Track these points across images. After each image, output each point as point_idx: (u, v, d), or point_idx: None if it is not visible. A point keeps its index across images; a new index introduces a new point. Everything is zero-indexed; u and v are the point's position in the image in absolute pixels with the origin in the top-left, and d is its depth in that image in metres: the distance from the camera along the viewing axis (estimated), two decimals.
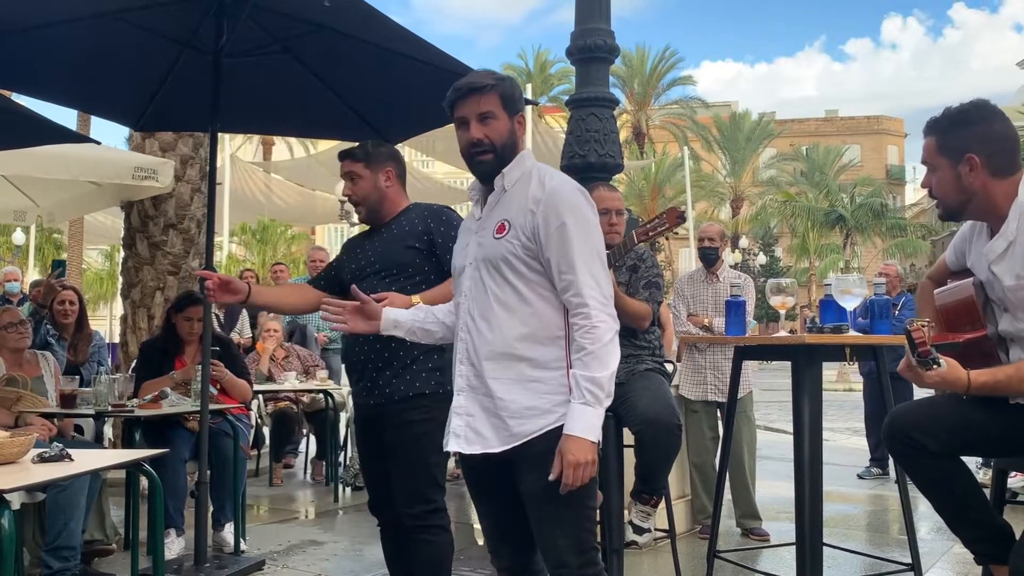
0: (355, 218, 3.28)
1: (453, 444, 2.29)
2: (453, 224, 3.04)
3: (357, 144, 3.23)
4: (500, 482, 2.28)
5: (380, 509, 3.17)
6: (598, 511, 2.62)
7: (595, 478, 2.22)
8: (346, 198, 3.18)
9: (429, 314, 2.50)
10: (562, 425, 2.16)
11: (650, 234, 3.47)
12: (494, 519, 2.40)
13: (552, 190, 2.23)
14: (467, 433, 2.26)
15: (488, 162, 2.30)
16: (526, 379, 2.20)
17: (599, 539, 2.68)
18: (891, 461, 5.86)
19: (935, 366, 2.21)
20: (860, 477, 7.20)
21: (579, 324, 2.17)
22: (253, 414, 6.07)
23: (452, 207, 3.33)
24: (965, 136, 2.40)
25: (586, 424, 2.12)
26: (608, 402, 2.16)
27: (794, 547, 3.33)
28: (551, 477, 2.13)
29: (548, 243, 2.20)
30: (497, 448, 2.22)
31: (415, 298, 2.85)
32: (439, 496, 3.00)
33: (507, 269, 2.22)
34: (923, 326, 2.21)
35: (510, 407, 2.20)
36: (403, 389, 2.98)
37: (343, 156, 3.20)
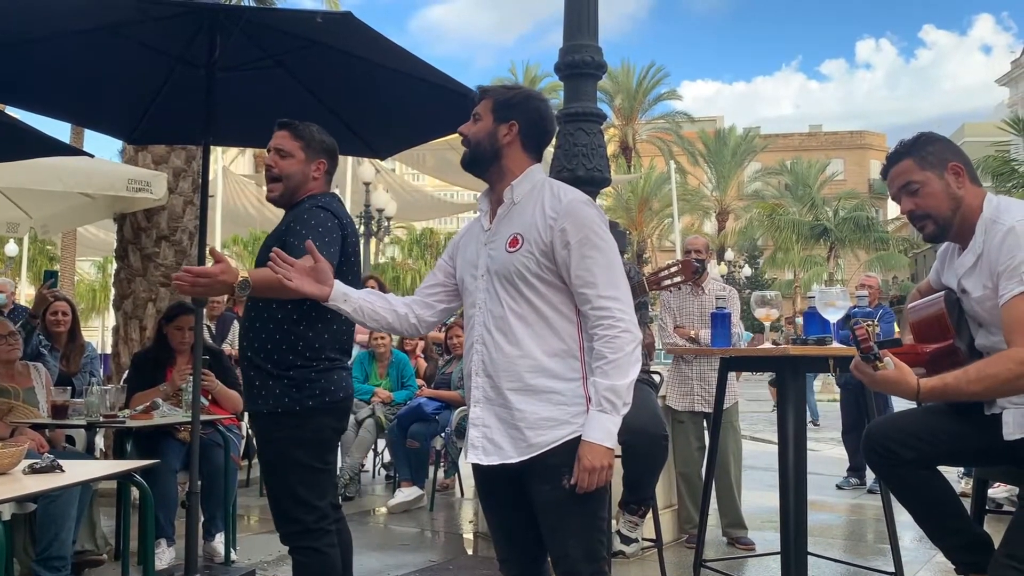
0: None
1: (471, 455, 2.32)
2: (309, 223, 2.83)
3: (299, 121, 3.04)
4: (513, 491, 2.31)
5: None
6: None
7: (608, 489, 2.26)
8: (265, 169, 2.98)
9: (384, 301, 2.49)
10: (579, 436, 2.20)
11: (662, 284, 3.50)
12: (506, 529, 2.42)
13: (568, 204, 2.27)
14: (484, 444, 2.30)
15: (466, 153, 2.40)
16: (544, 390, 2.24)
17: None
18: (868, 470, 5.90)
19: (877, 362, 2.29)
20: (839, 487, 7.24)
21: (600, 334, 2.20)
22: (244, 425, 6.08)
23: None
24: (939, 149, 2.53)
25: (603, 431, 2.17)
26: (626, 410, 2.19)
27: (779, 556, 3.37)
28: (571, 482, 2.18)
29: (568, 258, 2.24)
30: (515, 459, 2.25)
31: (243, 272, 2.68)
32: (308, 515, 2.85)
33: (521, 283, 2.26)
34: (868, 325, 2.30)
35: (528, 418, 2.23)
36: (259, 404, 2.88)
37: (282, 126, 3.00)
